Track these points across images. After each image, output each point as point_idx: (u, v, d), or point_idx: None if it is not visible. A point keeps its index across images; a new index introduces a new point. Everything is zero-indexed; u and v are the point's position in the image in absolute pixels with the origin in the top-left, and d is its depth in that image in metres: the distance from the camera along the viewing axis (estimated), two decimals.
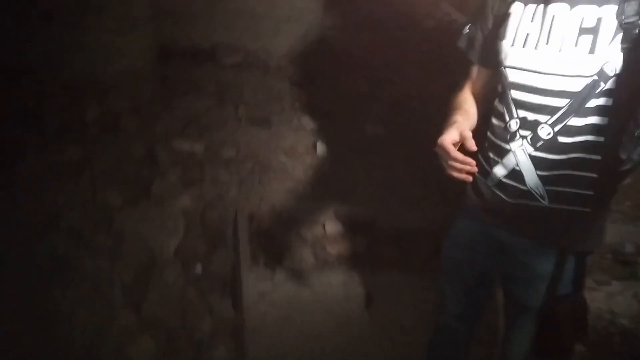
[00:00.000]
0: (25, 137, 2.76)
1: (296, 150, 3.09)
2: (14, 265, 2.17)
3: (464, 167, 1.16)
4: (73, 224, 2.40)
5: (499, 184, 1.30)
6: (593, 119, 1.15)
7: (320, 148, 3.10)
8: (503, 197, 1.30)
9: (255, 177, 2.83)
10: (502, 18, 1.27)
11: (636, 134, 1.08)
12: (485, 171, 1.35)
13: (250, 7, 4.06)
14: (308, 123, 3.30)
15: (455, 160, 1.16)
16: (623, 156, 1.12)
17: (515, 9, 1.24)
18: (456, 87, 1.45)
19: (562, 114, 1.16)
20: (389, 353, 2.01)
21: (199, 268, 2.35)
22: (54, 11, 3.08)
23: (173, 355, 2.04)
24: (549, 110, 1.18)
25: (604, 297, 2.41)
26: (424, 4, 3.70)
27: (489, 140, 1.35)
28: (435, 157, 1.26)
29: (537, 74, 1.19)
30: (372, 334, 2.07)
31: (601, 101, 1.13)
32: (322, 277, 2.30)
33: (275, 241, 2.60)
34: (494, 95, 1.36)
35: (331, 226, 2.72)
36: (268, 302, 2.13)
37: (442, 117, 1.40)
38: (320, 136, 3.22)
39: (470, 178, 1.18)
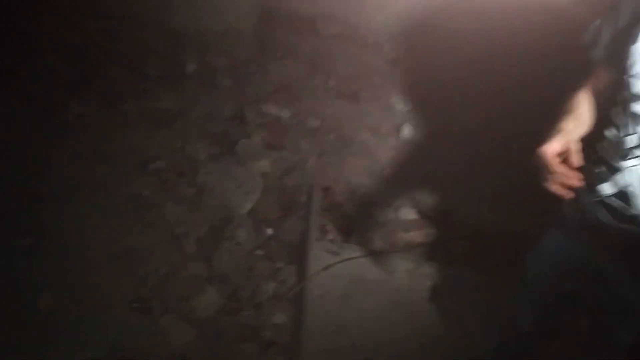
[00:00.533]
0: (126, 81, 2.92)
1: (381, 129, 3.04)
2: (102, 200, 2.33)
3: (566, 182, 1.06)
4: (160, 169, 2.53)
5: (604, 202, 1.20)
6: None
7: (406, 131, 3.02)
8: (606, 217, 1.20)
9: (335, 150, 2.82)
10: (636, 20, 1.14)
11: None
12: (590, 185, 1.24)
13: None
14: (397, 104, 3.22)
15: (557, 173, 1.07)
16: None
17: None
18: (573, 87, 1.31)
19: None
20: (445, 351, 1.96)
21: (269, 231, 2.40)
22: None
23: (234, 312, 2.12)
24: None
25: None
26: None
27: (600, 152, 1.23)
28: (533, 164, 1.18)
29: None
30: (431, 328, 2.02)
31: None
32: (389, 261, 2.27)
33: (346, 217, 2.59)
34: (612, 103, 1.24)
35: (405, 212, 2.67)
36: (331, 276, 2.14)
37: (548, 117, 1.30)
38: (407, 119, 3.14)
39: (571, 194, 1.09)
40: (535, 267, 1.42)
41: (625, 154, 1.14)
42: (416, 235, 2.57)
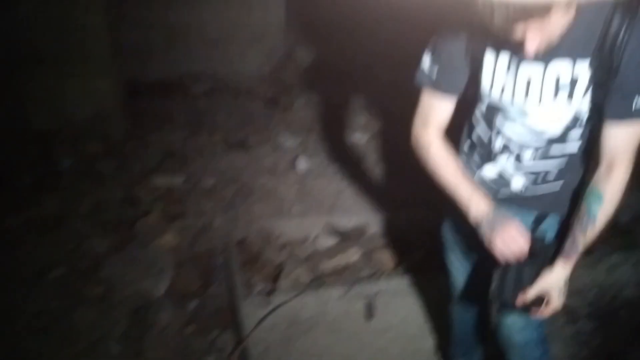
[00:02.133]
0: (2, 197, 2.70)
1: (277, 168, 3.06)
2: (3, 324, 2.11)
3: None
4: (60, 276, 2.34)
5: (485, 183, 1.33)
6: (570, 145, 1.24)
7: (301, 163, 3.07)
8: (490, 188, 1.34)
9: (239, 202, 2.79)
10: (476, 63, 1.21)
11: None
12: (471, 168, 1.36)
13: (213, 34, 4.06)
14: (286, 140, 3.28)
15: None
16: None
17: (489, 57, 1.19)
18: (424, 141, 1.32)
19: (543, 150, 1.24)
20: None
21: (194, 304, 2.29)
22: (12, 62, 3.03)
23: None
24: (532, 147, 1.25)
25: (606, 271, 2.39)
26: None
27: (475, 143, 1.35)
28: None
29: (520, 115, 1.22)
30: (376, 345, 2.02)
31: (576, 132, 1.22)
32: (320, 294, 2.25)
33: (268, 264, 2.55)
34: (473, 109, 1.34)
35: (323, 240, 2.68)
36: (268, 328, 2.08)
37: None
38: (299, 151, 3.19)
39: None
40: (447, 236, 1.54)
41: (496, 154, 1.30)
42: (340, 259, 2.58)
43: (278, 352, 2.00)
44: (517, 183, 1.30)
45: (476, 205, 1.23)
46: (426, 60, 1.26)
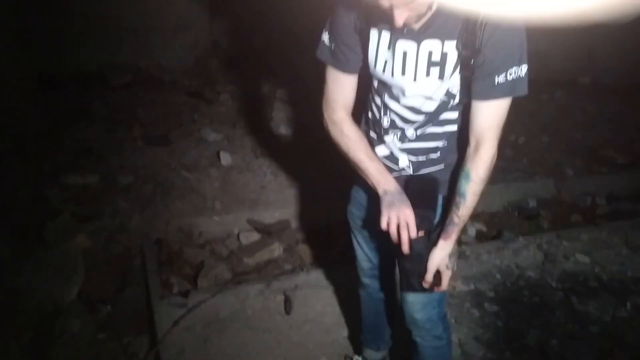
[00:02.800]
0: None
1: (199, 164, 2.98)
2: None
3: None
4: None
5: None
6: (447, 127, 1.33)
7: (224, 158, 3.00)
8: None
9: (157, 199, 2.70)
10: (363, 39, 1.28)
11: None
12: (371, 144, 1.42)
13: (135, 23, 3.86)
14: (209, 134, 3.19)
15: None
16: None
17: (373, 34, 1.27)
18: (334, 120, 1.36)
19: (421, 124, 1.33)
20: (312, 355, 1.97)
21: (108, 308, 2.20)
22: None
23: None
24: (412, 121, 1.33)
25: (512, 254, 2.50)
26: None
27: (369, 123, 1.42)
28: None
29: (399, 91, 1.29)
30: (293, 339, 2.02)
31: (451, 114, 1.31)
32: (239, 291, 2.22)
33: (187, 264, 2.49)
34: (370, 88, 1.39)
35: (246, 236, 2.65)
36: (183, 329, 2.03)
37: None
38: (222, 146, 3.13)
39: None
40: (353, 216, 1.59)
41: (384, 132, 1.37)
42: (262, 255, 2.56)
43: (193, 354, 1.96)
44: (404, 161, 1.37)
45: (385, 182, 1.31)
46: (325, 38, 1.33)
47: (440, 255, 1.29)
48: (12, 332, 2.02)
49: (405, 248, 1.26)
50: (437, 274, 1.31)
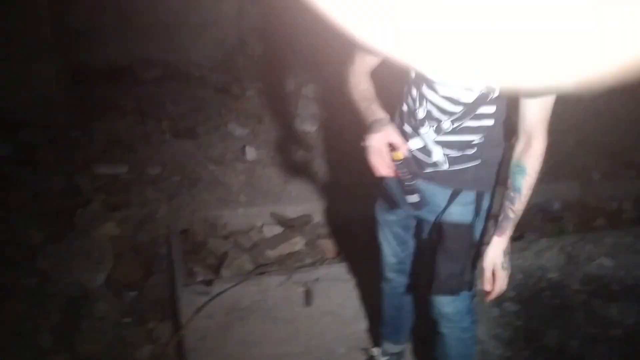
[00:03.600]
0: None
1: (225, 157, 3.04)
2: None
3: (388, 171, 1.30)
4: None
5: (412, 154, 1.42)
6: (484, 121, 1.34)
7: (250, 152, 3.05)
8: (416, 164, 1.43)
9: (184, 191, 2.76)
10: None
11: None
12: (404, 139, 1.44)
13: (164, 18, 3.95)
14: (235, 129, 3.25)
15: (385, 164, 1.29)
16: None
17: None
18: (347, 73, 1.44)
19: (459, 117, 1.33)
20: (330, 347, 2.00)
21: (133, 295, 2.27)
22: None
23: None
24: (449, 112, 1.34)
25: (534, 255, 2.48)
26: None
27: (404, 116, 1.44)
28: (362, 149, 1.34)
29: (436, 83, 1.32)
30: (312, 330, 2.05)
31: (488, 108, 1.32)
32: (261, 282, 2.27)
33: (211, 254, 2.55)
34: (406, 81, 1.43)
35: (269, 229, 2.70)
36: (206, 316, 2.08)
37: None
38: (248, 140, 3.18)
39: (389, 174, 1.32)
40: (381, 213, 1.61)
41: (420, 124, 1.39)
42: (284, 248, 2.60)
43: (215, 340, 2.01)
44: (438, 155, 1.38)
45: (372, 113, 1.35)
46: None
47: (495, 253, 1.29)
48: (42, 313, 2.11)
49: (382, 172, 1.28)
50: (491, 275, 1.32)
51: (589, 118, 3.93)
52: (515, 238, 2.74)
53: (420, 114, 1.37)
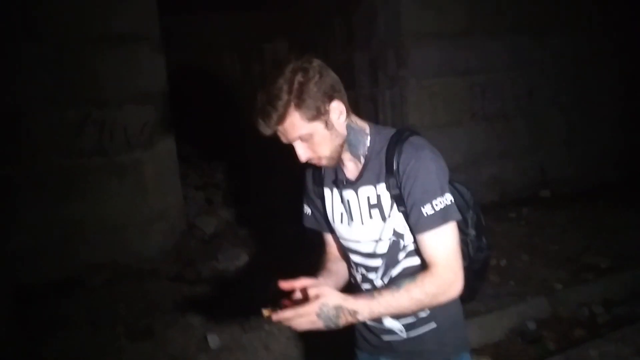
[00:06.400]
0: None
1: (188, 352, 2.86)
2: None
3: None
4: None
5: (365, 323, 1.40)
6: (408, 267, 1.33)
7: (212, 340, 2.91)
8: (373, 333, 1.42)
9: None
10: (322, 200, 1.44)
11: None
12: None
13: (111, 220, 3.95)
14: (193, 317, 3.12)
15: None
16: None
17: (327, 192, 1.42)
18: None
19: (383, 270, 1.35)
20: None
21: None
22: None
23: None
24: (374, 269, 1.37)
25: None
26: None
27: (353, 288, 1.45)
28: None
29: (355, 242, 1.38)
30: None
31: (406, 253, 1.33)
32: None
33: None
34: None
35: None
36: None
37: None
38: (209, 327, 3.04)
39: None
40: None
41: (360, 288, 1.41)
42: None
43: None
44: (389, 321, 1.36)
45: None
46: (305, 208, 1.50)
47: (333, 299, 1.17)
48: None
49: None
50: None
51: (533, 231, 4.11)
52: None
53: (358, 278, 1.41)
